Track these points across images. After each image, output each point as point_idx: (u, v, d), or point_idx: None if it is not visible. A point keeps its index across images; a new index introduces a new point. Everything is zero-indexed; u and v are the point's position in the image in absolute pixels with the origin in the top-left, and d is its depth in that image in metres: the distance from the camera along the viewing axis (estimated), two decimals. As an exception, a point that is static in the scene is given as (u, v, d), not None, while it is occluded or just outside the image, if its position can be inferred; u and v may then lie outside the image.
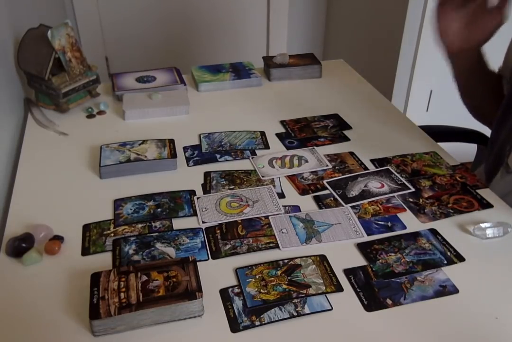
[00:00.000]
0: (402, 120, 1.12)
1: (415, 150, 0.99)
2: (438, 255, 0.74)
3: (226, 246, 0.76)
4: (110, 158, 0.93)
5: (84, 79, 1.14)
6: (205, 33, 2.50)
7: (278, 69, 1.28)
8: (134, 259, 0.73)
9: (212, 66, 1.31)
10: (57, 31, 1.06)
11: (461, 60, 1.00)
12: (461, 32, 0.94)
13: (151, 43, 2.46)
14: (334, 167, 0.94)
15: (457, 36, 0.95)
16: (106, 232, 0.79)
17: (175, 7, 2.41)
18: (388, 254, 0.74)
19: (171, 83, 1.21)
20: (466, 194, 0.86)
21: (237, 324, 0.64)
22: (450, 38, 0.95)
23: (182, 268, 0.67)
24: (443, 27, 0.94)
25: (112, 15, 2.37)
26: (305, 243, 0.76)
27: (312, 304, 0.66)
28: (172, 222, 0.81)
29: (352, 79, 1.28)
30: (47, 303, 0.67)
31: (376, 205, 0.84)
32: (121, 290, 0.64)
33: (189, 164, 0.96)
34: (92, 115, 1.12)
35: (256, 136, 1.04)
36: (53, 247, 0.74)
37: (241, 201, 0.85)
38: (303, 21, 2.61)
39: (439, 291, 0.68)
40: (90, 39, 2.34)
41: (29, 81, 1.14)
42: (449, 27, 0.94)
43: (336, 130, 1.07)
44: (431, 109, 2.08)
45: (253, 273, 0.71)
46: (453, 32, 0.94)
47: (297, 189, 0.89)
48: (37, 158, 0.97)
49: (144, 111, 1.11)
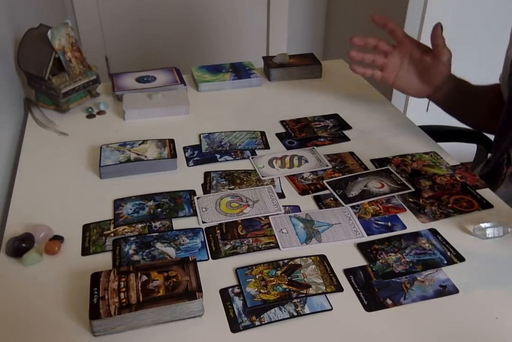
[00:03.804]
0: (402, 120, 1.12)
1: (415, 150, 0.99)
2: (438, 255, 0.74)
3: (226, 246, 0.76)
4: (110, 158, 0.93)
5: (84, 79, 1.14)
6: (205, 33, 2.50)
7: (278, 69, 1.28)
8: (134, 259, 0.73)
9: (212, 66, 1.31)
10: (57, 31, 1.06)
11: (436, 100, 1.04)
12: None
13: (151, 43, 2.46)
14: (334, 167, 0.94)
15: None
16: (106, 232, 0.79)
17: (175, 7, 2.41)
18: (388, 254, 0.74)
19: (171, 83, 1.21)
20: (466, 194, 0.86)
21: (237, 324, 0.64)
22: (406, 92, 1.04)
23: (182, 268, 0.67)
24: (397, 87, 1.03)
25: (112, 15, 2.37)
26: (305, 243, 0.76)
27: (312, 304, 0.66)
28: (172, 222, 0.81)
29: (352, 79, 1.28)
30: (47, 303, 0.67)
31: (376, 205, 0.84)
32: (121, 290, 0.64)
33: (189, 164, 0.96)
34: (92, 115, 1.12)
35: (256, 136, 1.04)
36: (53, 247, 0.74)
37: (241, 201, 0.85)
38: (303, 21, 2.61)
39: (439, 291, 0.68)
40: (90, 39, 2.34)
41: (29, 81, 1.14)
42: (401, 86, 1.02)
43: (336, 130, 1.07)
44: (431, 109, 2.07)
45: (253, 273, 0.71)
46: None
47: (297, 189, 0.89)
48: (37, 158, 0.97)
49: (144, 111, 1.11)
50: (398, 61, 0.99)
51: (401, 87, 1.02)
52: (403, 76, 1.00)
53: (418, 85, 1.01)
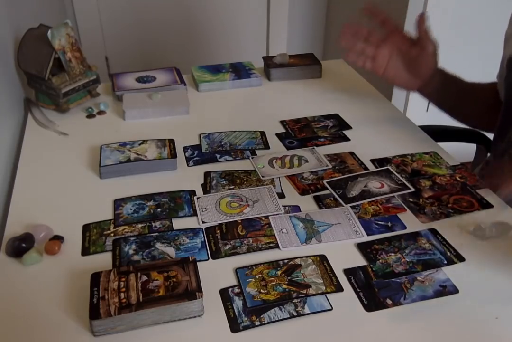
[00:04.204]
0: (402, 120, 1.12)
1: (415, 150, 0.99)
2: (438, 255, 0.74)
3: (226, 246, 0.76)
4: (110, 158, 0.93)
5: (84, 79, 1.14)
6: (205, 33, 2.50)
7: (278, 69, 1.28)
8: (134, 259, 0.73)
9: (212, 66, 1.31)
10: (57, 31, 1.06)
11: (428, 94, 1.05)
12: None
13: (151, 43, 2.46)
14: (334, 167, 0.94)
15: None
16: (106, 232, 0.79)
17: (175, 7, 2.41)
18: (388, 254, 0.74)
19: (171, 83, 1.21)
20: (466, 194, 0.86)
21: (237, 324, 0.64)
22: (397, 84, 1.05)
23: (182, 268, 0.67)
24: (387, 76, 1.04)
25: (112, 15, 2.37)
26: (305, 243, 0.76)
27: (312, 304, 0.66)
28: (172, 222, 0.81)
29: (352, 79, 1.28)
30: (47, 303, 0.67)
31: (376, 205, 0.84)
32: (121, 290, 0.64)
33: (189, 164, 0.96)
34: (92, 115, 1.12)
35: (256, 136, 1.04)
36: (53, 247, 0.74)
37: (241, 201, 0.85)
38: (303, 21, 2.61)
39: (439, 291, 0.68)
40: (90, 39, 2.34)
41: (29, 81, 1.14)
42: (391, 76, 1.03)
43: (336, 130, 1.07)
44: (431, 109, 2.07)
45: (253, 273, 0.71)
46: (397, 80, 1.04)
47: (297, 189, 0.89)
48: (37, 158, 0.97)
49: (144, 111, 1.11)
50: (387, 52, 1.00)
51: (391, 79, 1.04)
52: (392, 67, 1.01)
53: (406, 77, 1.02)
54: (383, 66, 1.01)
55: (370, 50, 1.00)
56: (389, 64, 1.01)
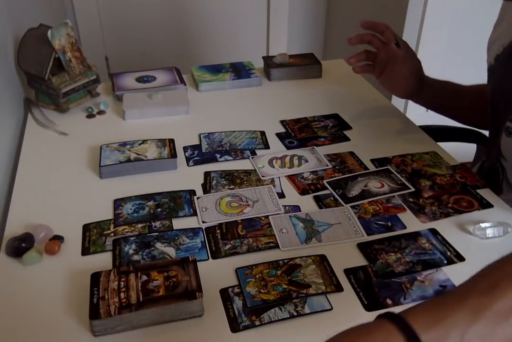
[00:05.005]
0: (402, 120, 1.12)
1: (415, 150, 0.99)
2: (438, 255, 0.74)
3: (226, 245, 0.76)
4: (110, 158, 0.93)
5: (84, 79, 1.14)
6: (205, 33, 2.50)
7: (278, 69, 1.28)
8: (134, 259, 0.73)
9: (212, 66, 1.31)
10: (57, 31, 1.06)
11: (422, 104, 1.05)
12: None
13: (151, 43, 2.46)
14: (334, 167, 0.94)
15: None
16: (106, 231, 0.79)
17: (175, 7, 2.41)
18: (388, 254, 0.74)
19: (171, 83, 1.21)
20: (466, 193, 0.86)
21: (237, 324, 0.64)
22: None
23: (182, 268, 0.67)
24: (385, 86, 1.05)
25: (112, 15, 2.37)
26: (305, 243, 0.76)
27: (312, 304, 0.66)
28: (172, 221, 0.81)
29: (352, 79, 1.28)
30: (47, 303, 0.67)
31: (376, 205, 0.84)
32: (121, 290, 0.64)
33: (189, 164, 0.96)
34: (92, 115, 1.12)
35: (256, 136, 1.04)
36: (53, 247, 0.74)
37: (241, 200, 0.85)
38: (303, 21, 2.61)
39: (439, 291, 0.68)
40: (90, 39, 2.34)
41: (29, 81, 1.14)
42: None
43: (336, 130, 1.07)
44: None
45: (253, 273, 0.71)
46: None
47: (297, 188, 0.89)
48: (37, 158, 0.97)
49: (144, 111, 1.11)
50: (384, 59, 1.00)
51: (387, 86, 1.04)
52: (387, 74, 1.01)
53: (397, 86, 1.04)
54: (379, 71, 1.02)
55: (369, 55, 1.02)
56: (384, 71, 1.01)
